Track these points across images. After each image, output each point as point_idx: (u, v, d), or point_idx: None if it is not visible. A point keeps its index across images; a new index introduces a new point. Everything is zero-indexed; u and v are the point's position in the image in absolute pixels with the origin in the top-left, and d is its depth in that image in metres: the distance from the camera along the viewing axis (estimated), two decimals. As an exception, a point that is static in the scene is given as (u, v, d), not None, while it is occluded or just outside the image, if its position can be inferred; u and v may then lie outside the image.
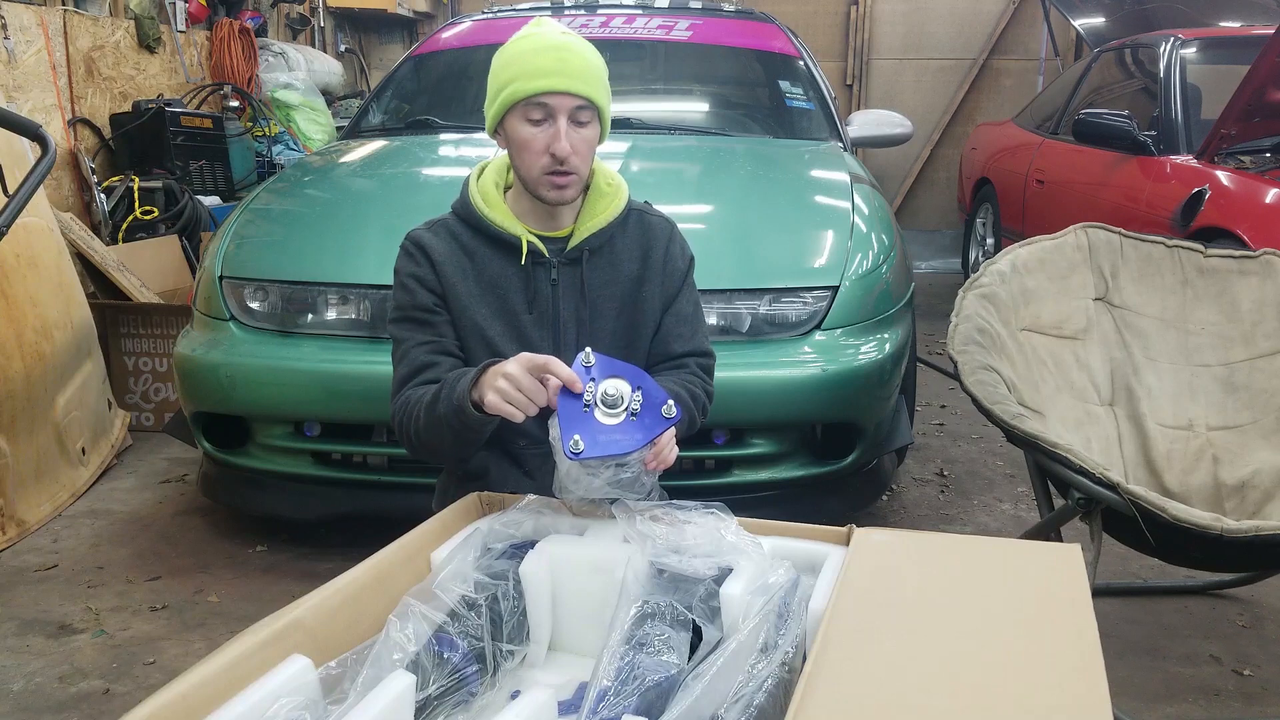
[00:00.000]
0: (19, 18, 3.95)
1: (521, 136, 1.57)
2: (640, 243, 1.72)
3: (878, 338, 2.46)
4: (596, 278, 1.68)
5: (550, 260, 1.66)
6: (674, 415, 1.33)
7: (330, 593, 1.13)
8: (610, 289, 1.69)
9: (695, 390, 1.68)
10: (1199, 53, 4.26)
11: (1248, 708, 2.01)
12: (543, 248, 1.65)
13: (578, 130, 1.57)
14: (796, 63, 3.83)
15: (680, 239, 1.76)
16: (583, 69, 1.56)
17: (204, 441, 2.55)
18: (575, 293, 1.67)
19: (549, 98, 1.54)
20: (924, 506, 2.96)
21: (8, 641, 2.19)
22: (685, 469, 2.41)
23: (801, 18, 6.73)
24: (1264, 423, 2.13)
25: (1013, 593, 1.13)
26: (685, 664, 1.08)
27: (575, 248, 1.66)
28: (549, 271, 1.66)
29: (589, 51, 1.59)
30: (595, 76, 1.58)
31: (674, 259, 1.73)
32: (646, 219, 1.74)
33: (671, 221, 1.77)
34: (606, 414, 1.31)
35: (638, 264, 1.70)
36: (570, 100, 1.55)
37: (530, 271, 1.65)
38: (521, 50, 1.58)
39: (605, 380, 1.33)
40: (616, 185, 1.71)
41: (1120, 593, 2.43)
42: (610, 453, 1.29)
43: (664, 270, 1.71)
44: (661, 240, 1.72)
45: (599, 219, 1.67)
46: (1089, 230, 2.27)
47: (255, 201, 2.88)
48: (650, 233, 1.72)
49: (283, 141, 5.44)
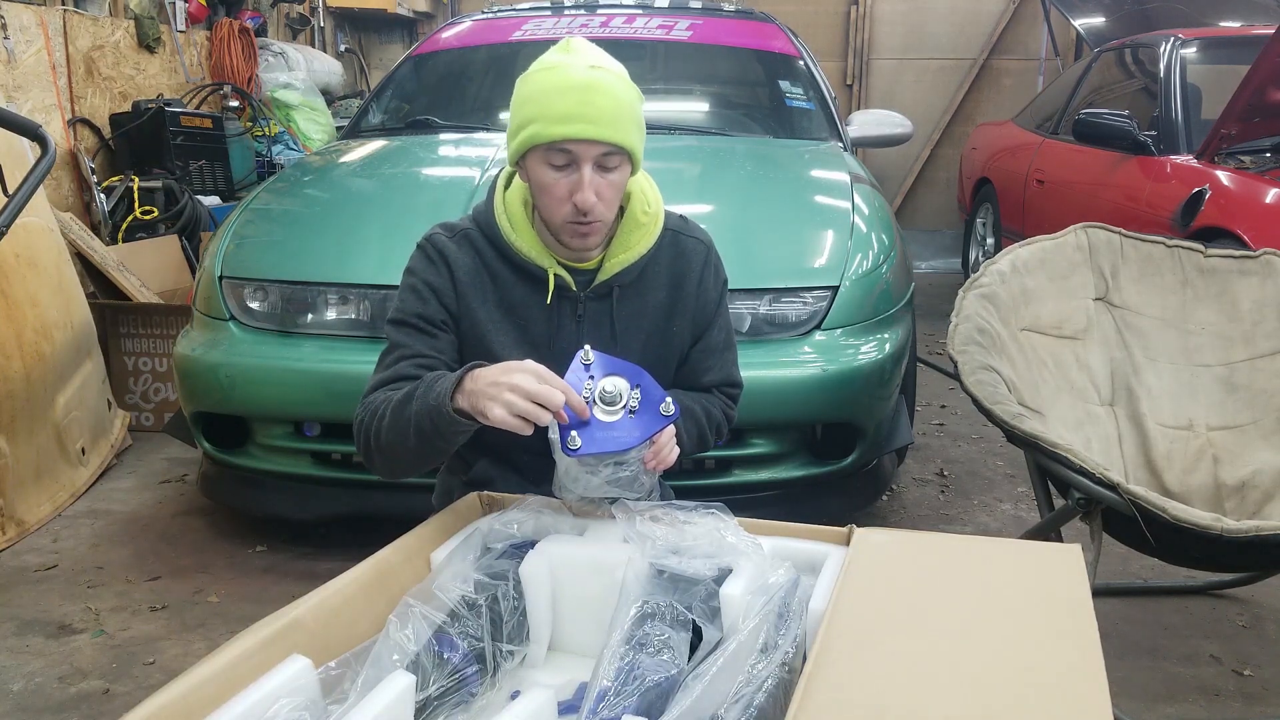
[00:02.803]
0: (19, 17, 3.95)
1: (543, 181, 1.44)
2: (672, 269, 1.59)
3: (878, 338, 2.46)
4: (624, 310, 1.57)
5: (577, 294, 1.54)
6: (672, 413, 1.33)
7: (330, 593, 1.13)
8: (637, 321, 1.58)
9: (713, 410, 1.61)
10: (1199, 53, 4.26)
11: (1248, 708, 2.01)
12: (570, 280, 1.53)
13: (604, 175, 1.43)
14: (796, 62, 3.83)
15: (716, 262, 1.64)
16: (610, 112, 1.41)
17: (204, 441, 2.55)
18: (602, 329, 1.56)
19: (573, 145, 1.40)
20: (924, 506, 2.96)
21: (8, 641, 2.19)
22: (685, 469, 2.41)
23: (801, 18, 6.72)
24: (1264, 423, 2.13)
25: (1013, 593, 1.13)
26: (685, 664, 1.08)
27: (605, 283, 1.54)
28: (574, 306, 1.55)
29: (619, 88, 1.44)
30: (625, 117, 1.43)
31: (707, 289, 1.61)
32: (681, 241, 1.60)
33: (708, 242, 1.64)
34: (605, 411, 1.31)
35: (666, 292, 1.58)
36: (596, 148, 1.41)
37: (556, 306, 1.54)
38: (545, 88, 1.42)
39: (604, 378, 1.32)
40: (654, 213, 1.57)
41: (1120, 593, 2.43)
42: (608, 449, 1.29)
43: (697, 300, 1.60)
44: (696, 267, 1.60)
45: (631, 252, 1.54)
46: (1089, 230, 2.27)
47: (255, 201, 2.88)
48: (684, 258, 1.59)
49: (282, 141, 5.44)
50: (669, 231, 1.59)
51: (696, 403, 1.60)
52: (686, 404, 1.56)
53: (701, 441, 1.60)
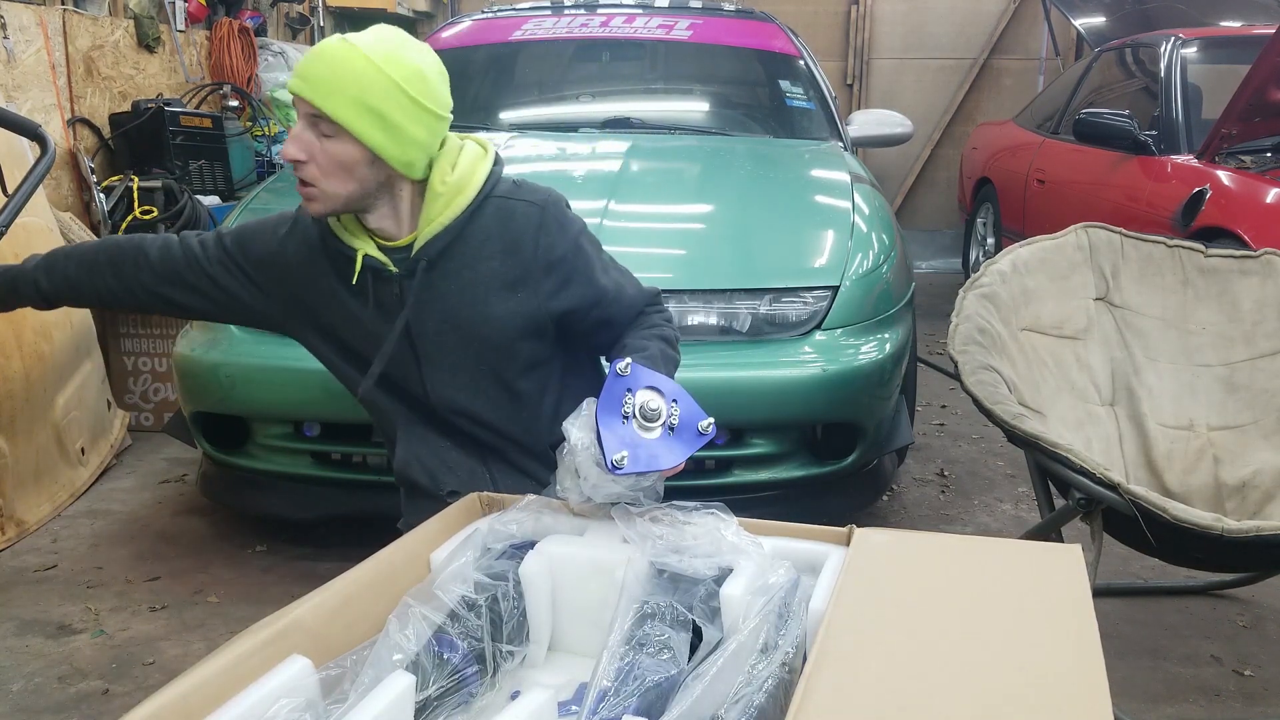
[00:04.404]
0: (18, 17, 3.95)
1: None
2: (502, 236, 1.59)
3: (878, 338, 2.46)
4: (448, 285, 1.58)
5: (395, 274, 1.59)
6: (711, 433, 1.32)
7: (330, 593, 1.12)
8: (469, 293, 1.59)
9: (666, 332, 1.66)
10: (1199, 52, 4.26)
11: (1248, 708, 2.00)
12: (386, 260, 1.58)
13: (318, 141, 1.49)
14: (797, 62, 3.83)
15: (554, 221, 1.60)
16: (322, 78, 1.46)
17: (204, 441, 2.55)
18: (423, 306, 1.59)
19: (295, 100, 1.50)
20: (924, 507, 2.96)
21: (7, 641, 2.19)
22: (685, 469, 2.40)
23: (801, 17, 6.72)
24: (1264, 423, 2.13)
25: (1013, 593, 1.13)
26: (685, 664, 1.08)
27: (413, 259, 1.58)
28: (392, 286, 1.59)
29: (353, 64, 1.46)
30: (337, 88, 1.45)
31: (548, 249, 1.59)
32: (510, 206, 1.60)
33: (541, 204, 1.61)
34: (645, 427, 1.29)
35: (500, 260, 1.59)
36: (304, 106, 1.49)
37: (369, 287, 1.59)
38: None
39: (641, 391, 1.31)
40: (456, 183, 1.57)
41: (1121, 593, 2.43)
42: (654, 468, 1.27)
43: (540, 259, 1.59)
44: (529, 230, 1.59)
45: (435, 224, 1.57)
46: (1090, 230, 2.26)
47: (255, 201, 2.87)
48: (514, 224, 1.59)
49: (282, 141, 5.44)
50: (495, 199, 1.60)
51: (651, 341, 1.62)
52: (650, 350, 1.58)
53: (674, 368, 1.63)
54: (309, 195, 1.52)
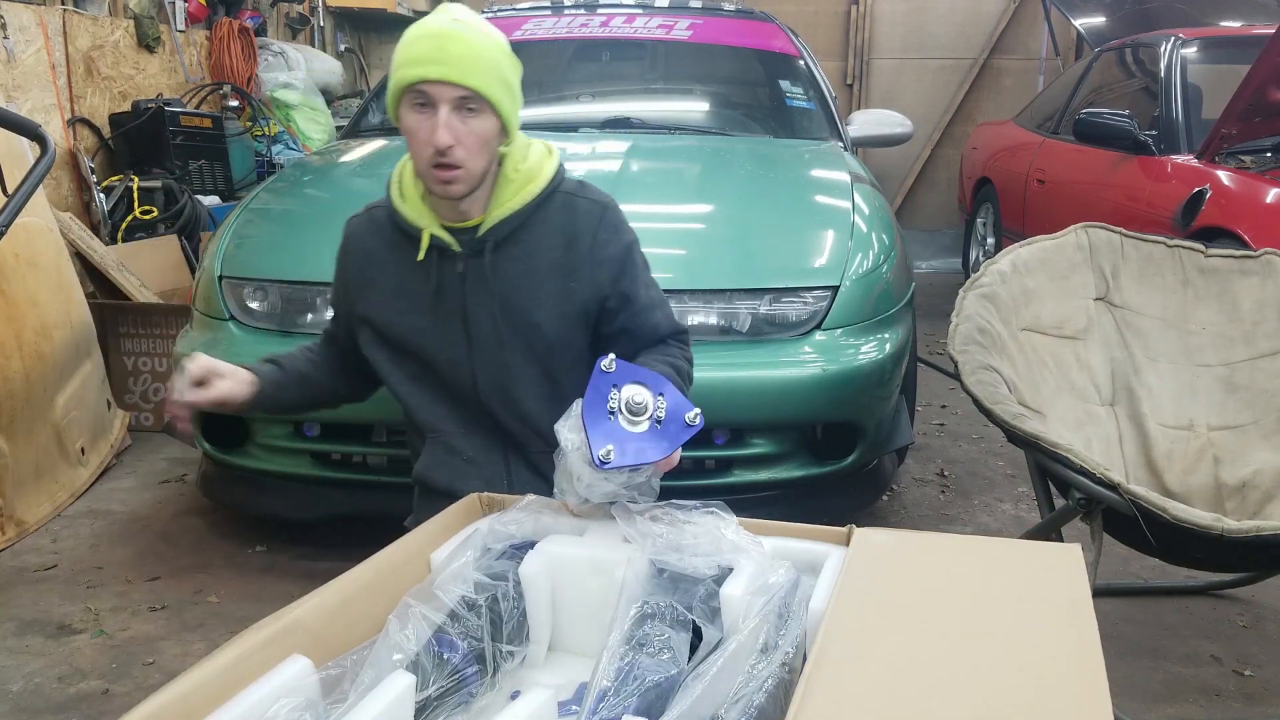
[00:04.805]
0: (18, 17, 3.95)
1: (409, 127, 1.54)
2: (564, 229, 1.64)
3: (878, 338, 2.46)
4: (509, 269, 1.62)
5: (459, 253, 1.62)
6: (697, 424, 1.32)
7: (330, 593, 1.12)
8: (527, 280, 1.63)
9: (679, 364, 1.67)
10: (1199, 52, 4.26)
11: (1248, 708, 2.00)
12: (451, 240, 1.61)
13: (464, 121, 1.51)
14: (797, 62, 3.83)
15: (613, 222, 1.68)
16: (465, 57, 1.49)
17: (204, 441, 2.55)
18: (483, 287, 1.62)
19: (429, 86, 1.49)
20: (924, 506, 2.96)
21: (7, 641, 2.19)
22: (685, 469, 2.41)
23: (801, 17, 6.72)
24: (1264, 423, 2.13)
25: (1013, 593, 1.13)
26: (685, 664, 1.08)
27: (480, 239, 1.61)
28: (455, 265, 1.62)
29: (480, 40, 1.51)
30: (482, 66, 1.50)
31: (603, 245, 1.65)
32: (575, 203, 1.66)
33: (604, 204, 1.69)
34: (631, 421, 1.29)
35: (560, 252, 1.63)
36: (450, 90, 1.49)
37: (434, 265, 1.62)
38: (409, 38, 1.53)
39: (627, 387, 1.31)
40: (529, 171, 1.63)
41: (1121, 593, 2.43)
42: (640, 462, 1.27)
43: (593, 259, 1.64)
44: (589, 226, 1.65)
45: (505, 207, 1.61)
46: (1090, 230, 2.26)
47: (255, 201, 2.87)
48: (577, 219, 1.65)
49: (282, 141, 5.44)
50: (562, 194, 1.66)
51: (664, 363, 1.63)
52: (660, 368, 1.59)
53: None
54: (453, 178, 1.54)
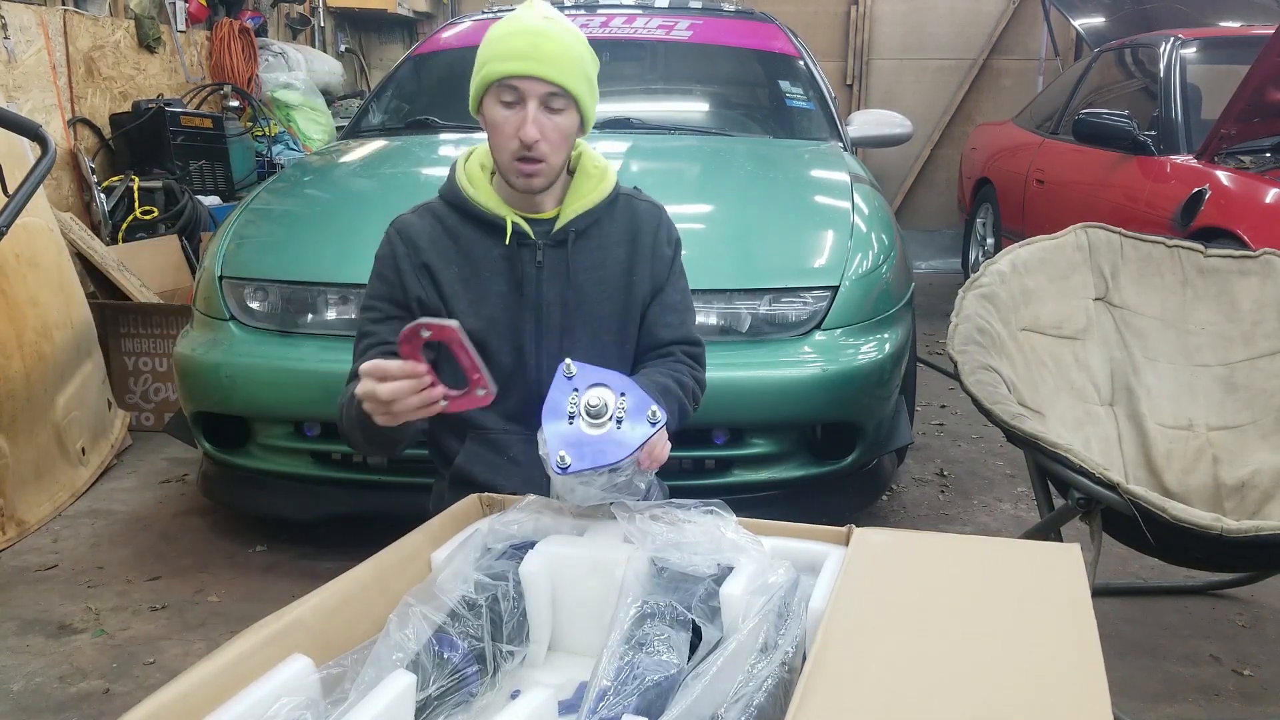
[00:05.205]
0: (19, 18, 3.95)
1: (494, 119, 1.55)
2: (628, 227, 1.70)
3: (878, 338, 2.46)
4: (583, 261, 1.66)
5: (535, 242, 1.63)
6: (659, 420, 1.32)
7: (330, 593, 1.12)
8: (598, 273, 1.67)
9: (684, 379, 1.66)
10: (1199, 53, 4.26)
11: (1248, 708, 2.01)
12: (528, 229, 1.63)
13: (549, 117, 1.54)
14: (796, 62, 3.83)
15: (669, 224, 1.75)
16: (557, 55, 1.52)
17: (204, 441, 2.55)
18: (560, 276, 1.65)
19: (519, 81, 1.52)
20: (924, 506, 2.96)
21: (8, 641, 2.19)
22: (685, 469, 2.41)
23: (801, 18, 6.72)
24: (1263, 423, 2.13)
25: (1013, 593, 1.13)
26: (685, 664, 1.08)
27: (561, 230, 1.64)
28: (534, 254, 1.64)
29: (569, 38, 1.55)
30: (571, 65, 1.54)
31: (661, 245, 1.71)
32: (635, 204, 1.72)
33: (660, 207, 1.75)
34: (591, 424, 1.30)
35: (625, 248, 1.69)
36: (540, 86, 1.52)
37: (515, 253, 1.64)
38: (500, 32, 1.55)
39: (588, 390, 1.32)
40: (603, 168, 1.69)
41: (1120, 593, 2.43)
42: (598, 464, 1.28)
43: (652, 256, 1.70)
44: (650, 225, 1.71)
45: (584, 201, 1.65)
46: (1089, 230, 2.27)
47: (255, 201, 2.87)
48: (639, 218, 1.71)
49: (283, 141, 5.44)
50: (623, 195, 1.71)
51: (667, 376, 1.63)
52: (661, 381, 1.60)
53: (683, 415, 1.65)
54: (536, 171, 1.57)
